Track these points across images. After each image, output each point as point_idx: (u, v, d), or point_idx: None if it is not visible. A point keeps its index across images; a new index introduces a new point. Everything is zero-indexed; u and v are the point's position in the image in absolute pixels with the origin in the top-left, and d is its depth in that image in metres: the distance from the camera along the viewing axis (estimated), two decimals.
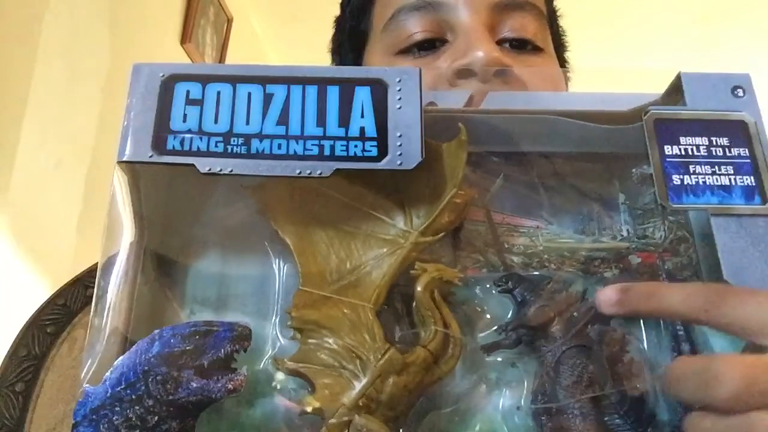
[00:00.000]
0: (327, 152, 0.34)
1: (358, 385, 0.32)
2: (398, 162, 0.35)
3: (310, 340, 0.34)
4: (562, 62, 0.63)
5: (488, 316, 0.36)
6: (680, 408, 0.34)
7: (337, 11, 0.69)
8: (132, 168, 0.35)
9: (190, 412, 0.29)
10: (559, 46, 0.63)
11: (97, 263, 0.48)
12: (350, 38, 0.63)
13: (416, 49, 0.55)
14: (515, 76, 0.51)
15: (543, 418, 0.33)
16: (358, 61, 0.62)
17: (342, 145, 0.35)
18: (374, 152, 0.35)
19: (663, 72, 0.41)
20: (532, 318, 0.34)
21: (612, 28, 2.37)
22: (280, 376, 0.34)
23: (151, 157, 0.34)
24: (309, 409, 0.32)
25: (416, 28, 0.54)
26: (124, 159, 0.34)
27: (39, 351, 0.44)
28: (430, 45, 0.54)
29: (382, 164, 0.34)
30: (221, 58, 2.03)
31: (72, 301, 0.46)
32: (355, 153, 0.35)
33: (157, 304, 0.36)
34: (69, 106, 1.33)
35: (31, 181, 1.23)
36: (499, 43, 0.54)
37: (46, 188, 1.28)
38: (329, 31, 0.70)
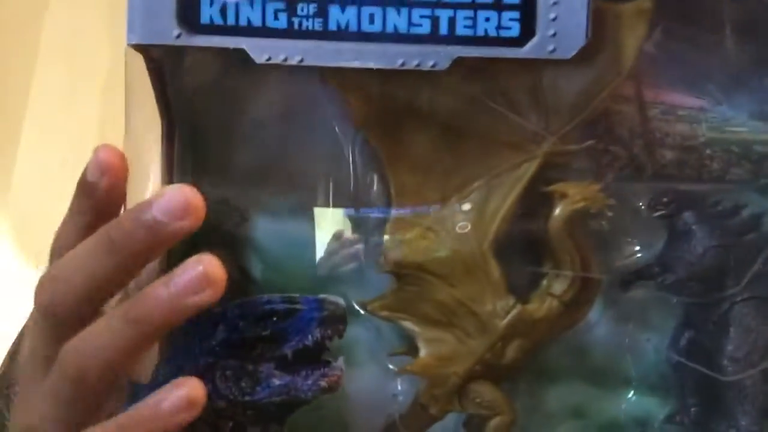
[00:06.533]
0: (444, 30, 0.23)
1: (474, 347, 0.26)
2: (550, 47, 0.23)
3: (407, 287, 0.26)
4: None
5: (629, 239, 0.28)
6: None
7: None
8: (149, 53, 0.23)
9: (274, 416, 0.23)
10: None
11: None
12: None
13: None
14: None
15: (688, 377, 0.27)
16: None
17: (467, 18, 0.23)
18: (515, 30, 0.23)
19: None
20: (702, 261, 0.26)
21: None
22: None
23: (178, 37, 0.22)
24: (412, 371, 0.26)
25: None
26: (135, 42, 0.22)
27: None
28: None
29: (525, 51, 0.23)
30: None
31: None
32: (486, 31, 0.23)
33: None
34: (69, 106, 1.29)
35: (32, 180, 1.22)
36: None
37: (47, 188, 1.23)
38: None
